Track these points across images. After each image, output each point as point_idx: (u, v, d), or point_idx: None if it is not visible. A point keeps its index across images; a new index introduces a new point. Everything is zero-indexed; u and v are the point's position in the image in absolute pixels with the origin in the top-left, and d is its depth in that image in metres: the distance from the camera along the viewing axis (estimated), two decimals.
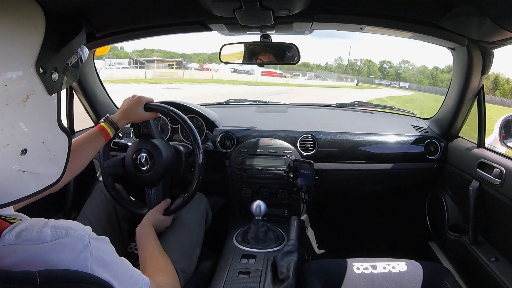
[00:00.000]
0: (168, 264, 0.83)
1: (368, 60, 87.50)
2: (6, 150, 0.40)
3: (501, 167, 1.00)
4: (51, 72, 0.45)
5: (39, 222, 0.45)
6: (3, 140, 0.40)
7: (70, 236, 0.45)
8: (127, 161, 1.07)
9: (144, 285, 0.57)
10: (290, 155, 1.31)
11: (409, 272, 0.95)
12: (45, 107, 0.45)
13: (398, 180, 1.44)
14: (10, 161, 0.41)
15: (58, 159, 0.49)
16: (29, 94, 0.41)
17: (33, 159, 0.44)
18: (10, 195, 0.43)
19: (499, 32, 0.85)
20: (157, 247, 0.88)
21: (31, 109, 0.42)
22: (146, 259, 0.83)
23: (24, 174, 0.43)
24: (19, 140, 0.41)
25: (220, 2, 0.81)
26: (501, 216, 1.04)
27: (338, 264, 1.00)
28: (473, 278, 1.15)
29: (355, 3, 0.91)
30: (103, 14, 0.99)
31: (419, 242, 1.56)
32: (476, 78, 1.10)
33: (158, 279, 0.74)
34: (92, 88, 1.41)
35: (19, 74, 0.40)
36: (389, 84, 55.21)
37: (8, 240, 0.41)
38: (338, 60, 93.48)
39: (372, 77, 72.26)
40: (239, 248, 1.12)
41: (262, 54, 1.19)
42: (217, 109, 1.61)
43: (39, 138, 0.45)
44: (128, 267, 0.55)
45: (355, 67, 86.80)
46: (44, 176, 0.47)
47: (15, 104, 0.40)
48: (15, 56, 0.40)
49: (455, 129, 1.31)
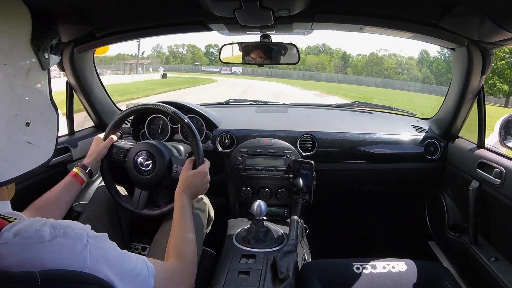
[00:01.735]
0: (186, 247, 0.78)
1: (192, 45, 73.63)
2: (15, 120, 0.46)
3: (501, 167, 1.00)
4: (43, 50, 0.52)
5: (38, 221, 0.46)
6: (12, 111, 0.46)
7: (68, 236, 0.45)
8: (129, 165, 1.07)
9: (148, 274, 0.57)
10: (290, 155, 1.31)
11: (409, 272, 0.95)
12: (41, 80, 0.52)
13: (398, 180, 1.44)
14: (19, 131, 0.47)
15: (53, 134, 0.55)
16: (29, 68, 0.49)
17: (35, 131, 0.50)
18: (17, 168, 0.47)
19: (499, 33, 0.85)
20: (181, 224, 0.82)
21: (32, 82, 0.50)
22: (170, 236, 0.80)
23: (29, 146, 0.49)
24: (24, 111, 0.48)
25: (220, 2, 0.81)
26: (501, 216, 1.04)
27: (338, 264, 1.00)
28: (473, 278, 1.16)
29: (355, 4, 0.91)
30: (103, 14, 0.99)
31: (419, 242, 1.56)
32: (476, 78, 1.10)
33: (170, 261, 0.72)
34: (92, 88, 1.41)
35: (21, 50, 0.48)
36: (218, 70, 46.70)
37: (6, 238, 0.42)
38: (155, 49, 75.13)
39: (197, 64, 63.95)
40: (239, 248, 1.12)
41: (261, 54, 1.19)
42: (217, 109, 1.61)
43: (38, 110, 0.51)
44: (129, 261, 0.54)
45: (178, 55, 73.35)
46: (43, 150, 0.52)
47: (20, 76, 0.47)
48: (16, 36, 0.48)
49: (455, 129, 1.31)
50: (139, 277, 0.55)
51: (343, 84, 40.64)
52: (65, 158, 1.28)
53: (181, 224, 0.82)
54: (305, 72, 53.17)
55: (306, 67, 62.08)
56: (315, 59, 66.34)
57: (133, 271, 0.54)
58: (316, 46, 72.18)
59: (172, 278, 0.65)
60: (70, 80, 1.33)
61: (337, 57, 67.58)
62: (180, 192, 0.88)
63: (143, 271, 0.56)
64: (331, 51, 70.13)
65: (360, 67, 61.24)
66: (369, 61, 60.47)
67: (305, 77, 48.00)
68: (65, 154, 1.29)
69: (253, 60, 1.21)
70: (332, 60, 66.13)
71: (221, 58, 1.25)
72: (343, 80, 46.28)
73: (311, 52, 71.78)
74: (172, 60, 72.81)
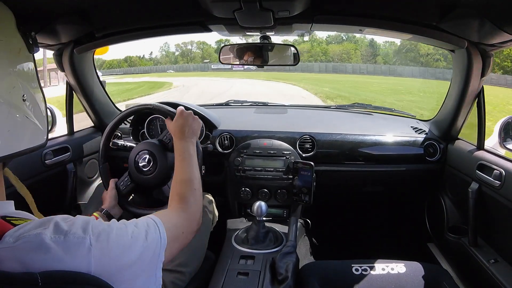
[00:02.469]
0: (187, 188, 0.75)
1: (201, 42, 69.85)
2: (14, 92, 0.49)
3: (500, 169, 1.00)
4: (27, 34, 0.55)
5: (42, 224, 0.44)
6: (11, 82, 0.49)
7: (70, 241, 0.44)
8: (131, 168, 1.07)
9: (160, 245, 0.54)
10: (289, 156, 1.31)
11: (408, 273, 0.94)
12: (30, 61, 0.56)
13: (397, 181, 1.44)
14: (18, 103, 0.49)
15: (43, 117, 0.56)
16: (20, 48, 0.53)
17: (31, 106, 0.53)
18: (17, 144, 0.49)
19: (499, 35, 0.85)
20: (182, 167, 0.81)
21: (23, 60, 0.54)
22: (173, 182, 0.78)
23: (27, 122, 0.51)
24: (20, 85, 0.51)
25: (220, 3, 0.81)
26: (501, 218, 1.04)
27: (337, 265, 1.00)
28: (472, 279, 1.15)
29: (355, 5, 0.91)
30: (103, 14, 1.00)
31: (418, 243, 1.55)
32: (475, 80, 1.10)
33: (172, 206, 0.72)
34: (91, 88, 1.41)
35: (10, 31, 0.52)
36: (229, 67, 40.95)
37: (8, 242, 0.41)
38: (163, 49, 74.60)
39: (206, 62, 59.01)
40: (237, 249, 1.11)
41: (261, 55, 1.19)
42: (217, 110, 1.61)
43: (31, 87, 0.54)
44: (135, 246, 0.51)
45: (186, 53, 70.38)
46: (38, 130, 0.54)
47: (14, 54, 0.52)
48: (5, 21, 0.52)
49: (455, 131, 1.31)
50: (148, 254, 0.52)
51: (374, 76, 32.78)
52: (64, 158, 1.28)
53: (181, 167, 0.81)
54: (327, 64, 46.26)
55: (328, 58, 56.62)
56: (338, 48, 58.91)
57: (143, 252, 0.51)
58: (338, 34, 61.66)
59: (178, 222, 0.64)
60: (70, 80, 1.33)
61: (363, 44, 58.44)
62: (176, 141, 0.88)
63: (151, 247, 0.53)
64: (355, 39, 59.35)
65: (392, 55, 52.46)
66: (401, 48, 48.43)
67: (328, 69, 41.16)
68: (65, 154, 1.29)
69: (252, 61, 1.21)
70: (358, 49, 57.69)
71: (221, 59, 1.25)
72: (373, 71, 37.29)
73: (332, 41, 63.76)
74: (180, 59, 70.90)
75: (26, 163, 1.12)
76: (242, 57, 1.21)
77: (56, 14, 0.88)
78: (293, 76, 28.19)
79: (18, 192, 0.61)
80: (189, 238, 0.67)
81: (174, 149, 0.87)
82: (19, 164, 1.05)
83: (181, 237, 0.63)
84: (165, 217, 0.60)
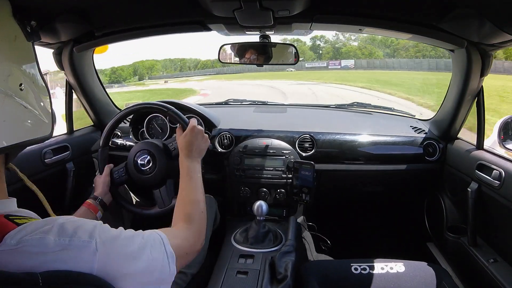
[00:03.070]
0: (193, 208, 0.76)
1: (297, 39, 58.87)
2: (10, 80, 0.48)
3: (500, 169, 1.00)
4: (25, 23, 0.54)
5: (45, 225, 0.44)
6: (6, 70, 0.48)
7: (74, 245, 0.43)
8: (130, 165, 1.07)
9: (168, 260, 0.55)
10: (289, 155, 1.31)
11: (407, 272, 0.95)
12: (28, 50, 0.55)
13: (396, 181, 1.44)
14: (14, 92, 0.48)
15: (47, 110, 0.56)
16: (16, 35, 0.52)
17: (30, 96, 0.52)
18: (15, 134, 0.48)
19: (499, 35, 0.85)
20: (188, 186, 0.81)
21: (20, 47, 0.53)
22: (177, 201, 0.79)
23: (26, 111, 0.50)
24: (16, 73, 0.50)
25: (220, 2, 0.81)
26: (500, 218, 1.04)
27: (336, 264, 1.00)
28: (472, 279, 1.16)
29: (355, 5, 0.91)
30: (103, 14, 1.00)
31: (418, 243, 1.56)
32: (475, 79, 1.10)
33: (178, 226, 0.72)
34: (91, 87, 1.41)
35: (4, 20, 0.51)
36: (325, 65, 40.31)
37: (9, 245, 0.40)
38: None
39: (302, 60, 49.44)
40: (237, 248, 1.12)
41: (261, 54, 1.19)
42: (216, 109, 1.61)
43: (29, 75, 0.53)
44: (142, 256, 0.51)
45: None
46: (40, 122, 0.53)
47: (8, 41, 0.51)
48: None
49: (454, 131, 1.31)
50: (156, 266, 0.53)
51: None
52: (64, 156, 1.28)
53: (189, 187, 0.81)
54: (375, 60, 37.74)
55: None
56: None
57: (149, 265, 0.51)
58: None
59: (183, 243, 0.64)
60: (70, 79, 1.33)
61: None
62: (183, 157, 0.88)
63: (158, 260, 0.54)
64: None
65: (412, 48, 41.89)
66: None
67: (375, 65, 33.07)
68: (64, 153, 1.29)
69: (251, 61, 1.21)
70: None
71: (220, 59, 1.25)
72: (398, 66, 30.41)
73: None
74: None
75: (25, 162, 1.12)
76: (243, 56, 1.21)
77: (56, 13, 0.89)
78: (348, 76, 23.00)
79: (20, 190, 0.60)
80: (190, 259, 0.67)
81: (180, 165, 0.87)
82: (19, 163, 1.05)
83: (184, 257, 0.64)
84: (171, 235, 0.61)
